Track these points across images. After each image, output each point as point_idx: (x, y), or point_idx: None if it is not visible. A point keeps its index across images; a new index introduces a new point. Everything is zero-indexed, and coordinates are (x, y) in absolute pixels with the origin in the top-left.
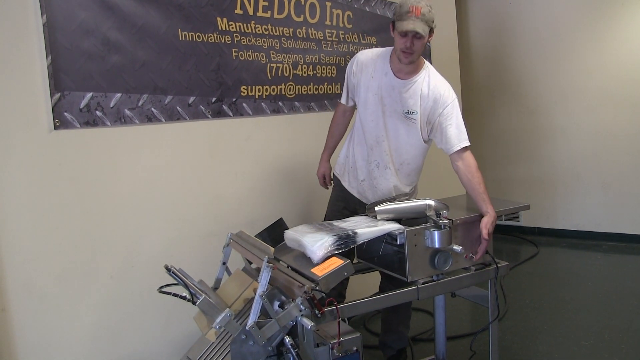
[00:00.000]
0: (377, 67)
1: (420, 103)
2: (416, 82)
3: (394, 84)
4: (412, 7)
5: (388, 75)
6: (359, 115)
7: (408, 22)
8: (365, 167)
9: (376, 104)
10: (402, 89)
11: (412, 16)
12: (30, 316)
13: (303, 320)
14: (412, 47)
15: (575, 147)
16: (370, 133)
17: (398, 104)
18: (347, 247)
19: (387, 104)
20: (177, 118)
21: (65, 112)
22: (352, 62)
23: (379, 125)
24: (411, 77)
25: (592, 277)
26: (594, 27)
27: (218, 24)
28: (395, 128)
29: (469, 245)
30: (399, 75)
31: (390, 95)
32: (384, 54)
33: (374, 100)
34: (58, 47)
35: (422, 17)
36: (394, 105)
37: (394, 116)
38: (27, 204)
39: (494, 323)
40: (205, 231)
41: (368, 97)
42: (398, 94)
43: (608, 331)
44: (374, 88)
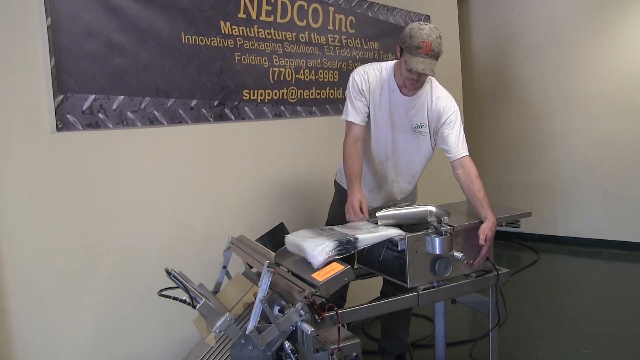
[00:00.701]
0: (383, 84)
1: (427, 115)
2: (421, 96)
3: (401, 100)
4: (423, 42)
5: (395, 92)
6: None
7: (418, 62)
8: (374, 181)
9: (386, 121)
10: (409, 105)
11: (422, 53)
12: (30, 317)
13: (303, 325)
14: (419, 79)
15: (576, 153)
16: (381, 148)
17: (406, 119)
18: (347, 252)
19: (396, 120)
20: (179, 121)
21: (67, 114)
22: (359, 80)
23: (388, 141)
24: (417, 92)
25: (592, 285)
26: (595, 34)
27: (221, 28)
28: (406, 142)
29: (469, 252)
30: (405, 92)
31: (398, 112)
32: (388, 70)
33: (383, 117)
34: (62, 48)
35: (432, 54)
36: (403, 121)
37: (403, 131)
38: (28, 205)
39: (494, 330)
40: (205, 234)
41: (377, 114)
42: (405, 110)
43: (609, 339)
44: (383, 105)
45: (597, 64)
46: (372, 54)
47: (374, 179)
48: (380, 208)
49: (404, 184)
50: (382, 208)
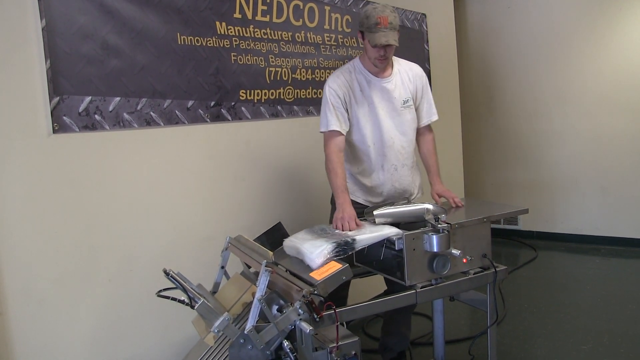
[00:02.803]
0: (359, 79)
1: (409, 89)
2: (396, 73)
3: (381, 85)
4: (380, 17)
5: (372, 81)
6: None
7: (380, 35)
8: (383, 178)
9: (375, 114)
10: (390, 85)
11: (381, 27)
12: (29, 320)
13: (301, 324)
14: (386, 54)
15: (574, 151)
16: (383, 142)
17: (393, 100)
18: (345, 253)
19: (384, 107)
20: (176, 122)
21: (64, 116)
22: (335, 89)
23: (384, 131)
24: (390, 70)
25: (590, 281)
26: (592, 32)
27: (217, 28)
28: (402, 122)
29: (467, 249)
30: (381, 75)
31: (383, 98)
32: (355, 66)
33: (371, 111)
34: (57, 51)
35: (390, 26)
36: (391, 104)
37: (396, 113)
38: (25, 207)
39: (493, 327)
40: (203, 235)
41: (366, 111)
42: (389, 92)
43: (607, 335)
44: (367, 98)
45: (594, 61)
46: None
47: (384, 175)
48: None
49: (410, 163)
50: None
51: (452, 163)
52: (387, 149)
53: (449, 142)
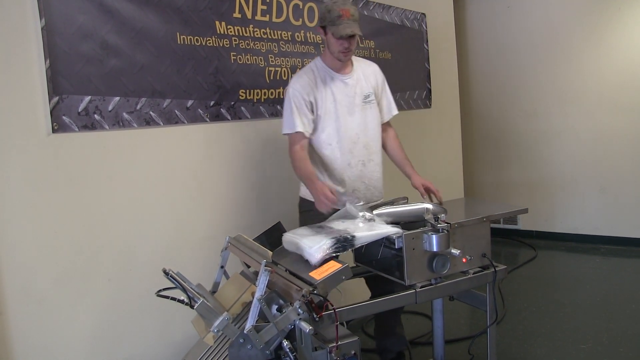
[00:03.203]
0: (322, 78)
1: (370, 84)
2: (356, 69)
3: (343, 81)
4: (342, 10)
5: (334, 78)
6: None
7: (344, 27)
8: (352, 175)
9: (338, 110)
10: (351, 80)
11: (345, 19)
12: (28, 319)
13: (301, 324)
14: (350, 46)
15: (573, 151)
16: (346, 140)
17: (355, 96)
18: (345, 250)
19: (346, 104)
20: (176, 122)
21: (63, 116)
22: (300, 91)
23: (348, 128)
24: (351, 67)
25: (590, 281)
26: (591, 31)
27: (216, 28)
28: (364, 118)
29: (467, 249)
30: (342, 72)
31: (346, 95)
32: (316, 66)
33: (334, 108)
34: (57, 50)
35: (353, 18)
36: (353, 101)
37: (357, 109)
38: (25, 207)
39: (492, 327)
40: (203, 235)
41: (330, 108)
42: (351, 88)
43: (606, 334)
44: (329, 97)
45: (593, 61)
46: (368, 53)
47: (352, 173)
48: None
49: (377, 159)
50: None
51: (451, 162)
52: (353, 145)
53: (448, 142)
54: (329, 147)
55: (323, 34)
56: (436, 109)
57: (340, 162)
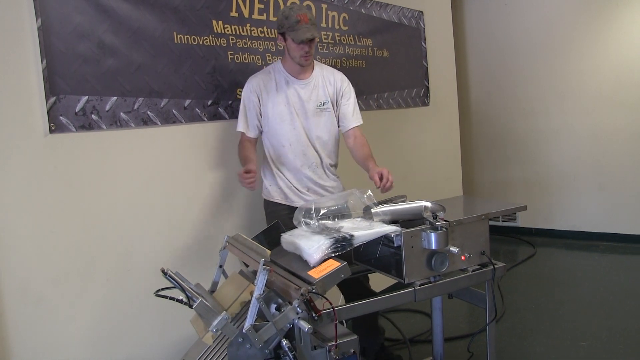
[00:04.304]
0: (277, 80)
1: (328, 91)
2: (316, 76)
3: (298, 87)
4: (299, 15)
5: (290, 82)
6: (276, 133)
7: (304, 31)
8: (304, 178)
9: (291, 113)
10: (308, 86)
11: (303, 24)
12: (26, 320)
13: (300, 322)
14: (310, 50)
15: (571, 148)
16: (298, 143)
17: (309, 102)
18: (343, 249)
19: (299, 109)
20: (173, 121)
21: (60, 116)
22: (250, 90)
23: (300, 130)
24: (310, 73)
25: (589, 278)
26: (589, 29)
27: (213, 27)
28: (317, 125)
29: (466, 247)
30: (300, 77)
31: (300, 99)
32: (275, 68)
33: (286, 110)
34: (53, 50)
35: (311, 22)
36: (306, 106)
37: (310, 115)
38: (22, 207)
39: (492, 324)
40: (201, 234)
41: (281, 110)
42: (305, 93)
43: (606, 332)
44: (283, 99)
45: (591, 59)
46: (366, 51)
47: (305, 173)
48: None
49: (330, 164)
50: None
51: (449, 160)
52: (305, 148)
53: (447, 140)
54: (282, 149)
55: (282, 41)
56: (434, 107)
57: (293, 164)
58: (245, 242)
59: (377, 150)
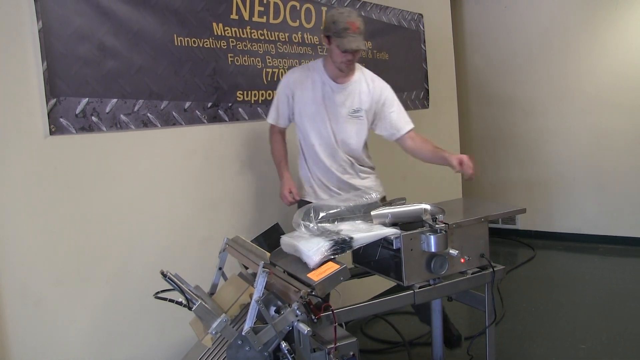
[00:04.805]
0: (314, 79)
1: (364, 99)
2: (355, 82)
3: (335, 89)
4: (349, 22)
5: (327, 84)
6: (307, 130)
7: (349, 40)
8: (333, 178)
9: (322, 113)
10: (344, 92)
11: (351, 33)
12: (26, 322)
13: (299, 325)
14: (353, 59)
15: (571, 150)
16: (327, 145)
17: (342, 107)
18: (343, 252)
19: (331, 112)
20: (173, 123)
21: (60, 118)
22: (285, 84)
23: (329, 132)
24: (350, 78)
25: (589, 280)
26: (588, 31)
27: (214, 29)
28: (345, 130)
29: (465, 249)
30: (338, 80)
31: (333, 102)
32: (316, 66)
33: (318, 110)
34: (54, 52)
35: (359, 32)
36: (339, 110)
37: (341, 120)
38: (22, 209)
39: (491, 327)
40: (201, 236)
41: (312, 109)
42: (340, 97)
43: (606, 334)
44: (317, 99)
45: (591, 60)
46: (366, 54)
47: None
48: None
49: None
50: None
51: None
52: (334, 150)
53: (446, 142)
54: (312, 148)
55: (327, 43)
56: (434, 109)
57: (323, 163)
58: (245, 245)
59: (377, 152)
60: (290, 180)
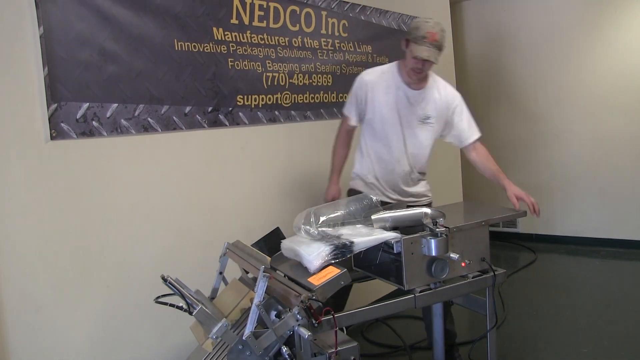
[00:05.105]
0: (389, 83)
1: (435, 107)
2: (428, 89)
3: (408, 95)
4: (429, 32)
5: (401, 88)
6: (376, 132)
7: (423, 49)
8: (395, 179)
9: (394, 118)
10: (418, 97)
11: (427, 42)
12: (26, 327)
13: (300, 329)
14: (423, 68)
15: (572, 153)
16: (395, 146)
17: (414, 113)
18: (343, 256)
19: (403, 116)
20: (174, 128)
21: (61, 123)
22: (359, 84)
23: (399, 137)
24: (423, 85)
25: (590, 284)
26: (590, 35)
27: (214, 34)
28: (414, 135)
29: (466, 253)
30: (413, 86)
31: (406, 107)
32: (391, 70)
33: (390, 114)
34: (55, 57)
35: (436, 44)
36: (411, 115)
37: (412, 125)
38: (23, 214)
39: (492, 331)
40: (201, 240)
41: (384, 113)
42: (413, 103)
43: (607, 337)
44: (390, 103)
45: (592, 63)
46: (366, 57)
47: (393, 177)
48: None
49: (421, 176)
50: None
51: (450, 166)
52: (400, 154)
53: (447, 145)
54: (381, 149)
55: (404, 46)
56: None
57: (386, 165)
58: (245, 249)
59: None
60: (336, 186)
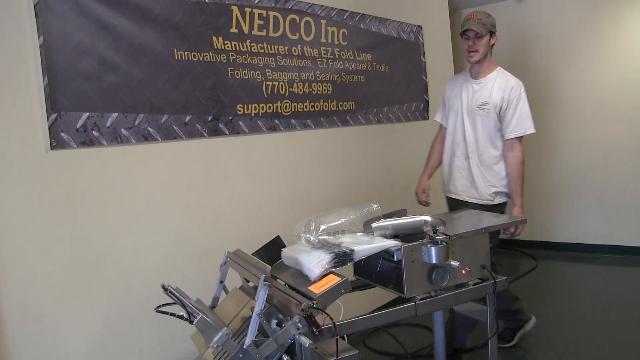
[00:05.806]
0: (460, 79)
1: (492, 94)
2: (488, 79)
3: (470, 84)
4: (471, 14)
5: (467, 80)
6: (449, 122)
7: (465, 24)
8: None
9: (458, 109)
10: (477, 86)
11: (470, 21)
12: (27, 337)
13: (301, 338)
14: (474, 45)
15: (572, 160)
16: (456, 134)
17: (473, 99)
18: (344, 264)
19: (464, 103)
20: (174, 137)
21: (61, 132)
22: (447, 88)
23: (460, 125)
24: (485, 76)
25: (591, 290)
26: (589, 42)
27: (214, 43)
28: (474, 121)
29: (466, 261)
30: (475, 77)
31: (467, 95)
32: (466, 70)
33: (456, 103)
34: (55, 67)
35: (478, 21)
36: (471, 102)
37: (471, 111)
38: (23, 224)
39: (493, 338)
40: (202, 249)
41: (452, 104)
42: (473, 91)
43: (608, 344)
44: (457, 93)
45: (592, 70)
46: (365, 66)
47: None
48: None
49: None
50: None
51: None
52: (461, 138)
53: None
54: (448, 137)
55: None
56: (434, 121)
57: (448, 149)
58: (246, 258)
59: (378, 164)
60: (425, 181)
